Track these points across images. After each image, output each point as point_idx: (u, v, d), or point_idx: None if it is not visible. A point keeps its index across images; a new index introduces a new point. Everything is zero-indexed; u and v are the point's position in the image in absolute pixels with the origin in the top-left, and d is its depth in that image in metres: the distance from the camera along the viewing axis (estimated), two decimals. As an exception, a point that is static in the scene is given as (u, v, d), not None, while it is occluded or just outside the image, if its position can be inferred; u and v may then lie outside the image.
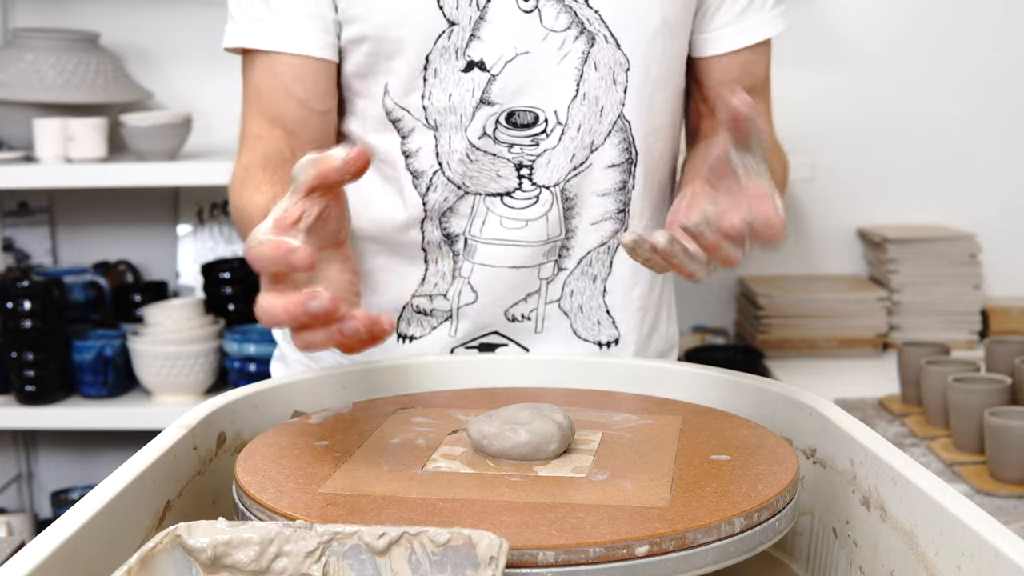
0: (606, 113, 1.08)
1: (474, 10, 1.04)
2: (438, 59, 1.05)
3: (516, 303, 1.13)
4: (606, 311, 1.15)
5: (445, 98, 1.06)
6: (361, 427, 0.87)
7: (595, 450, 0.81)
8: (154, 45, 2.34)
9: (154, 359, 2.11)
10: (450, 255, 1.12)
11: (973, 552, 0.62)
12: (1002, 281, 2.32)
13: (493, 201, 1.09)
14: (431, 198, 1.10)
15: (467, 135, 1.07)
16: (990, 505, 1.40)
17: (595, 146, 1.09)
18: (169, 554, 0.62)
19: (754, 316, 2.20)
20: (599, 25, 1.06)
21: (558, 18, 1.05)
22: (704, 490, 0.73)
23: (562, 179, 1.09)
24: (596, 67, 1.07)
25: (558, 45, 1.05)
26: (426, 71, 1.06)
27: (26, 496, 2.44)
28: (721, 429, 0.86)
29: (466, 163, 1.08)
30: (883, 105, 2.32)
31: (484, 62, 1.05)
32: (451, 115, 1.07)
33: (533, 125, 1.07)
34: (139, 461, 0.76)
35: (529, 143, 1.07)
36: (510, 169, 1.08)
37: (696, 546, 0.67)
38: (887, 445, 0.76)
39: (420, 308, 1.14)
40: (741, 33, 1.14)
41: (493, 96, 1.06)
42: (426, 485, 0.75)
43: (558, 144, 1.08)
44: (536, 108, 1.07)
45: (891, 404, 1.80)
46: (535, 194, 1.09)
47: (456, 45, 1.05)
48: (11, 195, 2.36)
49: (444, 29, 1.04)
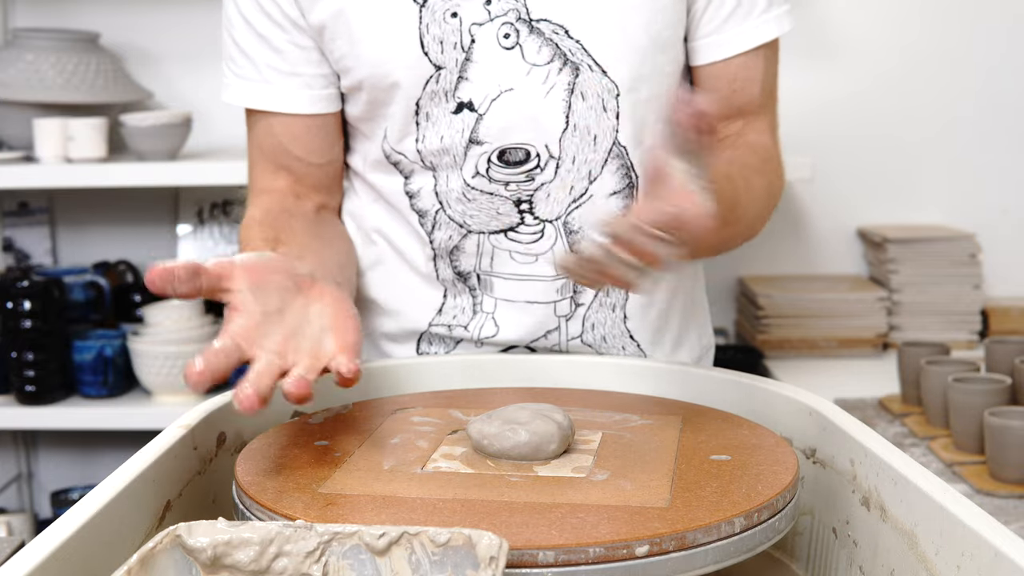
0: (600, 142, 1.06)
1: (459, 52, 1.03)
2: (428, 103, 1.05)
3: (537, 339, 1.11)
4: (629, 336, 1.14)
5: (437, 140, 1.06)
6: (361, 427, 0.87)
7: (595, 450, 0.81)
8: (154, 45, 2.34)
9: (154, 359, 2.11)
10: (467, 291, 1.11)
11: (973, 552, 0.62)
12: (1002, 281, 2.32)
13: (498, 238, 1.08)
14: (437, 236, 1.10)
15: (462, 174, 1.07)
16: (990, 505, 1.40)
17: (593, 176, 1.07)
18: (169, 554, 0.62)
19: (754, 316, 2.20)
20: (582, 55, 1.04)
21: (540, 52, 1.03)
22: (704, 490, 0.73)
23: (563, 212, 1.07)
24: (584, 97, 1.04)
25: (542, 79, 1.04)
26: (417, 116, 1.06)
27: (26, 496, 2.44)
28: (721, 429, 0.86)
29: (464, 202, 1.07)
30: (883, 105, 2.32)
31: (472, 102, 1.04)
32: (445, 156, 1.06)
33: (525, 161, 1.05)
34: (139, 461, 0.76)
35: (524, 179, 1.06)
36: (509, 206, 1.07)
37: (696, 546, 0.67)
38: (887, 445, 0.76)
39: (440, 336, 1.14)
40: (724, 43, 1.08)
41: (481, 135, 1.05)
42: (426, 485, 0.75)
43: (555, 178, 1.06)
44: (526, 144, 1.05)
45: (891, 404, 1.80)
46: (539, 228, 1.08)
47: (445, 88, 1.04)
48: (11, 195, 2.35)
49: (432, 74, 1.04)
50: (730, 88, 1.10)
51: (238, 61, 1.11)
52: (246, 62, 1.10)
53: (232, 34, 1.10)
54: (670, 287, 1.15)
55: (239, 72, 1.11)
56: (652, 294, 0.90)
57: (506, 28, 1.02)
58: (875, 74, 2.31)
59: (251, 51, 1.09)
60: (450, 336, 1.13)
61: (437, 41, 1.03)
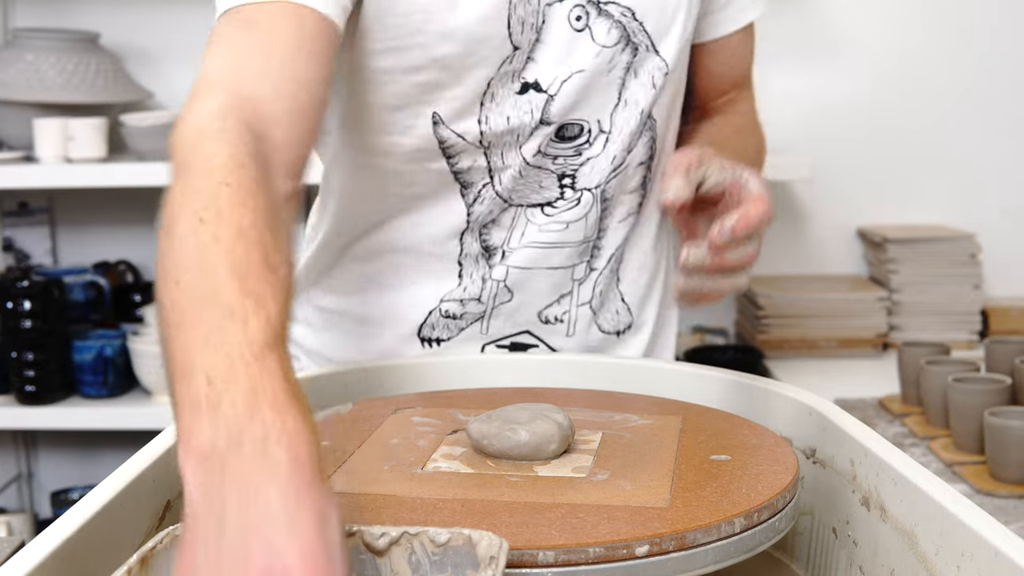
0: (643, 116, 1.09)
1: (532, 33, 1.02)
2: (497, 83, 1.03)
3: (550, 304, 1.12)
4: (621, 299, 1.16)
5: (503, 121, 1.04)
6: (361, 427, 0.87)
7: (595, 450, 0.81)
8: (154, 45, 2.34)
9: (154, 359, 2.11)
10: (485, 263, 1.10)
11: (973, 552, 0.62)
12: (1002, 281, 2.32)
13: (534, 212, 1.09)
14: (476, 210, 1.08)
15: (521, 152, 1.06)
16: (990, 505, 1.40)
17: (631, 147, 1.09)
18: (169, 554, 0.62)
19: (754, 316, 2.20)
20: (643, 35, 1.06)
21: (609, 33, 1.04)
22: (704, 490, 0.73)
23: (603, 181, 1.09)
24: (636, 74, 1.07)
25: (608, 59, 1.05)
26: (484, 95, 1.03)
27: (26, 496, 2.44)
28: (721, 429, 0.86)
29: (516, 179, 1.07)
30: (883, 105, 2.32)
31: (539, 83, 1.04)
32: (508, 136, 1.05)
33: (578, 136, 1.06)
34: (139, 461, 0.76)
35: (572, 154, 1.07)
36: (552, 180, 1.07)
37: (696, 546, 0.67)
38: (887, 445, 0.76)
39: (449, 313, 1.11)
40: (727, 20, 1.16)
41: (552, 115, 1.05)
42: (426, 485, 0.75)
43: (602, 152, 1.08)
44: (582, 120, 1.06)
45: (891, 404, 1.79)
46: (577, 198, 1.09)
47: (515, 68, 1.03)
48: (11, 195, 2.36)
49: (509, 54, 1.02)
50: (728, 63, 1.19)
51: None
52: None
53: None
54: (658, 253, 1.19)
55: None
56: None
57: (578, 10, 1.03)
58: (875, 74, 2.31)
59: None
60: (463, 311, 1.11)
61: (520, 22, 1.02)
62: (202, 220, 0.68)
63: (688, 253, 0.89)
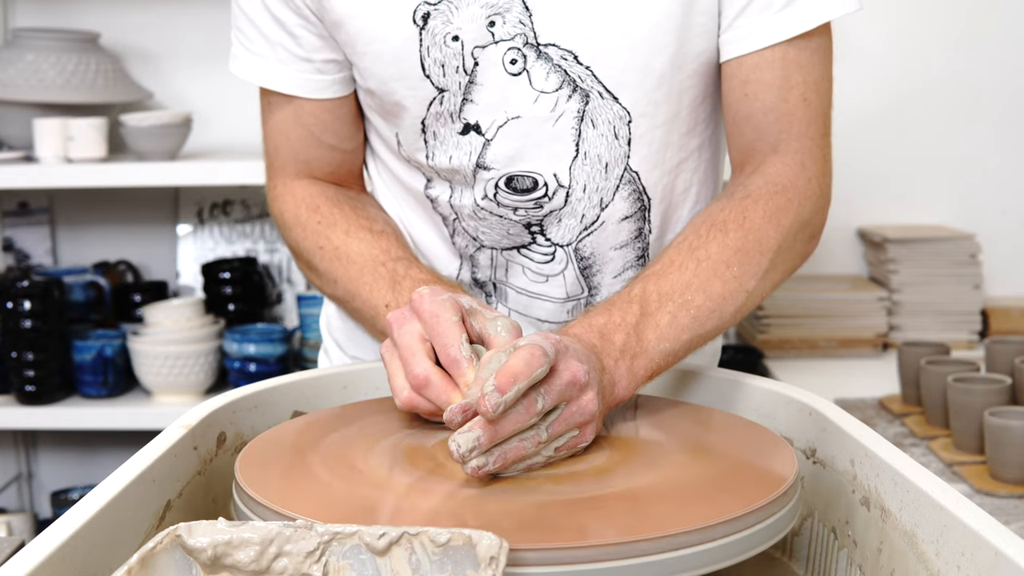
0: (611, 169, 1.02)
1: (462, 75, 0.99)
2: (434, 123, 1.02)
3: None
4: None
5: (446, 159, 1.03)
6: (361, 427, 0.87)
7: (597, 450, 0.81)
8: (154, 45, 2.34)
9: (154, 359, 2.11)
10: (483, 297, 1.09)
11: (973, 552, 0.62)
12: (1002, 281, 2.32)
13: (511, 253, 1.07)
14: (457, 242, 1.08)
15: (473, 194, 1.04)
16: (990, 505, 1.40)
17: (605, 203, 1.03)
18: (169, 554, 0.62)
19: (754, 316, 2.20)
20: (592, 81, 0.99)
21: (548, 78, 0.99)
22: (704, 490, 0.73)
23: (574, 239, 1.05)
24: (594, 124, 1.00)
25: (551, 107, 0.99)
26: (425, 134, 1.03)
27: (26, 496, 2.44)
28: (721, 429, 0.86)
29: (476, 219, 1.05)
30: (883, 105, 2.32)
31: (480, 125, 1.01)
32: (456, 174, 1.04)
33: (533, 190, 1.02)
34: (139, 461, 0.76)
35: (533, 206, 1.03)
36: (519, 228, 1.05)
37: (696, 546, 0.67)
38: (887, 445, 0.76)
39: None
40: (735, 41, 0.99)
41: (488, 161, 1.02)
42: (426, 485, 0.74)
43: (565, 205, 1.03)
44: (534, 173, 1.01)
45: (891, 404, 1.80)
46: (551, 251, 1.06)
47: (450, 110, 1.01)
48: (11, 195, 2.36)
49: (435, 95, 1.00)
50: (741, 92, 1.00)
51: (247, 33, 1.05)
52: (258, 37, 1.04)
53: (242, 5, 1.04)
54: None
55: (251, 47, 1.05)
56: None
57: (512, 53, 0.98)
58: (876, 74, 2.31)
59: (264, 28, 1.04)
60: None
61: (438, 64, 0.99)
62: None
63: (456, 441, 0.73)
